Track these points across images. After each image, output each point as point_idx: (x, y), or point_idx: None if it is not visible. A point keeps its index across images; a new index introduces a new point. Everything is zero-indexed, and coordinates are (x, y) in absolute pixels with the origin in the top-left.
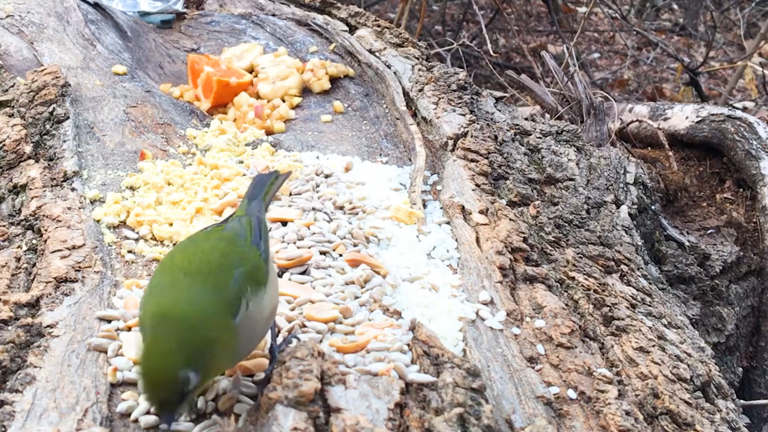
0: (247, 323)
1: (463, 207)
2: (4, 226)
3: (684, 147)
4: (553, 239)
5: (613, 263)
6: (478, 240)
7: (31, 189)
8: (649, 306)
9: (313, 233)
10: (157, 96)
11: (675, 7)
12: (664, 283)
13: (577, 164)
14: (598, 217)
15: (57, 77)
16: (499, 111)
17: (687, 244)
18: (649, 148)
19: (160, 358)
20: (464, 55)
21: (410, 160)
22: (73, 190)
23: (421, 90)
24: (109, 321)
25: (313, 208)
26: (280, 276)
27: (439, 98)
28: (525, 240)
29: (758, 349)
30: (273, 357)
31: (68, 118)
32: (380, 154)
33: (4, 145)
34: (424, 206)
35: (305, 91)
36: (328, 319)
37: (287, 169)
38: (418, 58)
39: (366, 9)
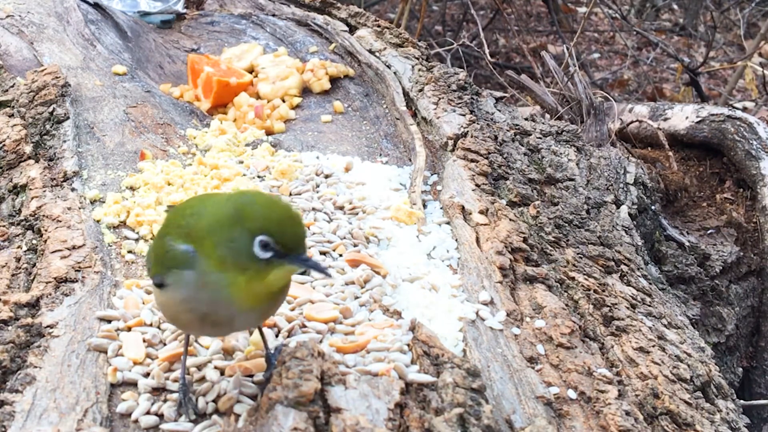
0: None
1: (463, 207)
2: (4, 226)
3: (684, 147)
4: (553, 239)
5: (613, 263)
6: (478, 240)
7: (31, 189)
8: (649, 306)
9: (313, 233)
10: (157, 96)
11: (675, 7)
12: (664, 283)
13: (577, 164)
14: (598, 217)
15: (57, 77)
16: (499, 111)
17: (687, 244)
18: (649, 148)
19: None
20: (464, 55)
21: (410, 160)
22: (73, 190)
23: (421, 90)
24: (109, 321)
25: (313, 208)
26: None
27: (439, 98)
28: (525, 240)
29: (758, 349)
30: (270, 364)
31: (68, 118)
32: (380, 154)
33: (4, 145)
34: (424, 206)
35: (305, 91)
36: (328, 319)
37: None
38: (418, 58)
39: (366, 9)
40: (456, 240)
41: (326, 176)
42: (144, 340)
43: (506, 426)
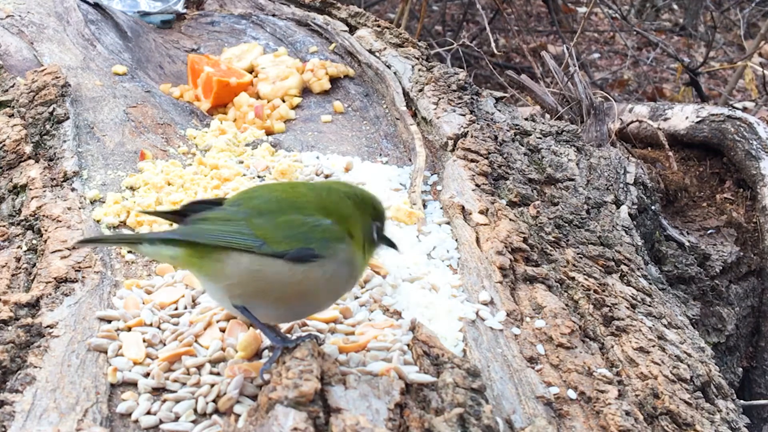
0: None
1: (463, 207)
2: (4, 226)
3: (684, 147)
4: (553, 239)
5: (613, 263)
6: (478, 240)
7: (31, 189)
8: (649, 306)
9: None
10: (157, 96)
11: (675, 7)
12: (664, 283)
13: (577, 164)
14: (598, 217)
15: (57, 77)
16: (499, 111)
17: (687, 244)
18: (649, 148)
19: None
20: (464, 55)
21: (410, 160)
22: (73, 190)
23: (421, 90)
24: (109, 321)
25: None
26: None
27: (439, 98)
28: (525, 240)
29: (758, 349)
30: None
31: (68, 118)
32: (380, 154)
33: (4, 145)
34: (424, 206)
35: (305, 91)
36: (328, 319)
37: None
38: (418, 58)
39: (366, 9)
40: (456, 240)
41: (326, 176)
42: (144, 340)
43: (506, 426)
